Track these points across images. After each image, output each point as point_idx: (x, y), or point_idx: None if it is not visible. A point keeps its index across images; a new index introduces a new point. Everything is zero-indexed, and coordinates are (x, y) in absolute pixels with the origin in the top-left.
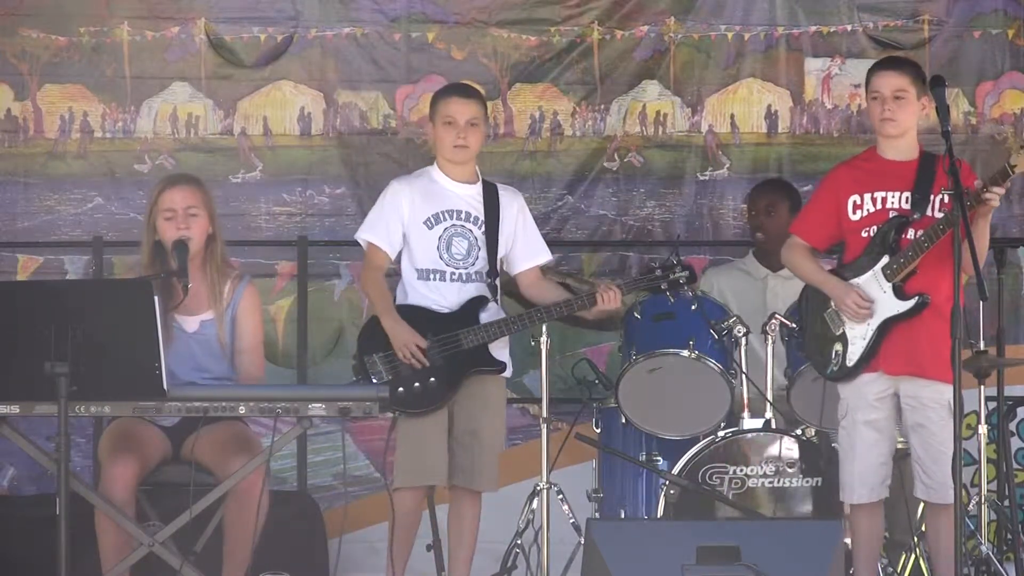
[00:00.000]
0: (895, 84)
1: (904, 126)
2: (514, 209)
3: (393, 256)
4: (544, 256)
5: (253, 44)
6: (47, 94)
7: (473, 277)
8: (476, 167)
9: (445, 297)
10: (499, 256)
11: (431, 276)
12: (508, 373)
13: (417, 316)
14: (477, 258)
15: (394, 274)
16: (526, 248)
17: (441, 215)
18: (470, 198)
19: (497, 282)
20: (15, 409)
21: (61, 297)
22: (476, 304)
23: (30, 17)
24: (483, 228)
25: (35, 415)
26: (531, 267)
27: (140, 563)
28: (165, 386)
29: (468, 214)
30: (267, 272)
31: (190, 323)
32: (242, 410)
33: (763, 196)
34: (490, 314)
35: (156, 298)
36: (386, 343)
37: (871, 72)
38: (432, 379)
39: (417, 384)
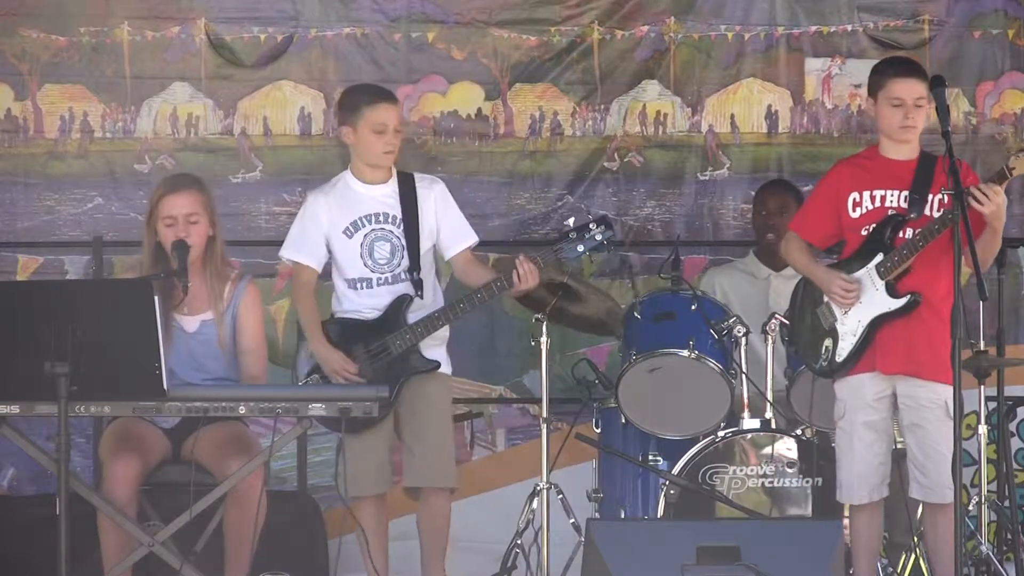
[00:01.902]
0: (917, 92)
1: (919, 131)
2: (432, 198)
3: (319, 269)
4: (470, 239)
5: (253, 44)
6: (47, 94)
7: (402, 277)
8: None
9: (378, 301)
10: (424, 248)
11: (359, 285)
12: (447, 369)
13: (344, 329)
14: (403, 258)
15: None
16: (450, 235)
17: (359, 222)
18: (385, 197)
19: (421, 275)
20: (15, 409)
21: (61, 297)
22: (399, 305)
23: (30, 17)
24: (402, 226)
25: (35, 415)
26: (459, 252)
27: (140, 563)
28: (165, 386)
29: (386, 215)
30: (267, 272)
31: (190, 323)
32: (242, 410)
33: (774, 197)
34: (419, 311)
35: (156, 298)
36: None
37: (887, 76)
38: None
39: None
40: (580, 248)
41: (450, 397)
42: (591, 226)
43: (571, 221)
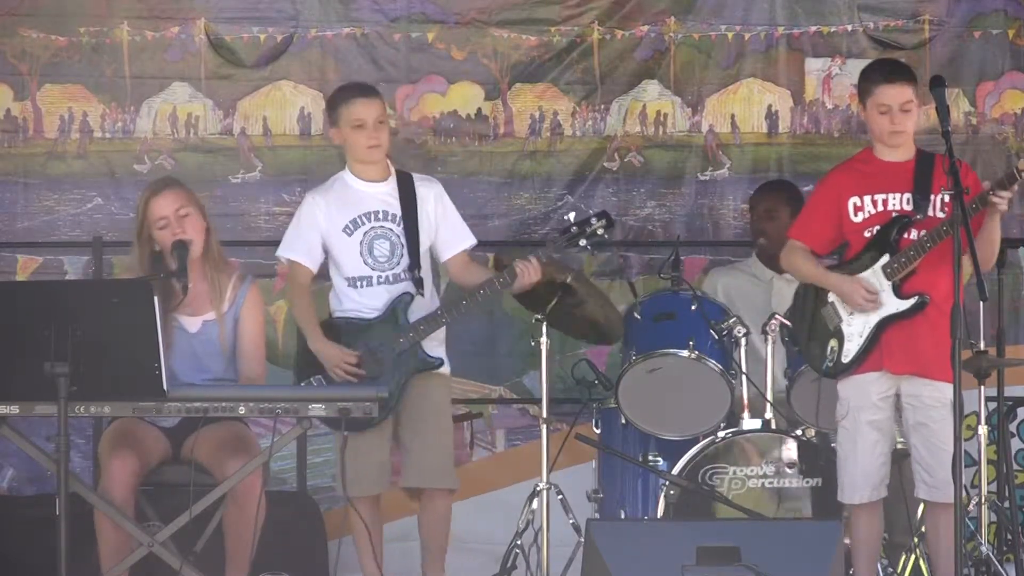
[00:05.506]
0: (904, 96)
1: (909, 134)
2: (431, 198)
3: (315, 269)
4: (468, 241)
5: (253, 44)
6: (47, 94)
7: (401, 277)
8: (388, 162)
9: (377, 301)
10: (423, 247)
11: (359, 283)
12: (446, 369)
13: (345, 329)
14: (402, 256)
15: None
16: (449, 235)
17: (359, 220)
18: (385, 195)
19: (422, 274)
20: (15, 409)
21: (61, 297)
22: (399, 303)
23: (30, 17)
24: (402, 224)
25: (35, 415)
26: (457, 254)
27: (140, 563)
28: (165, 386)
29: (385, 213)
30: (267, 272)
31: (192, 323)
32: (242, 410)
33: (764, 200)
34: (418, 311)
35: (156, 298)
36: (321, 365)
37: (874, 83)
38: None
39: None
40: (582, 242)
41: (450, 397)
42: (592, 220)
43: (571, 216)
